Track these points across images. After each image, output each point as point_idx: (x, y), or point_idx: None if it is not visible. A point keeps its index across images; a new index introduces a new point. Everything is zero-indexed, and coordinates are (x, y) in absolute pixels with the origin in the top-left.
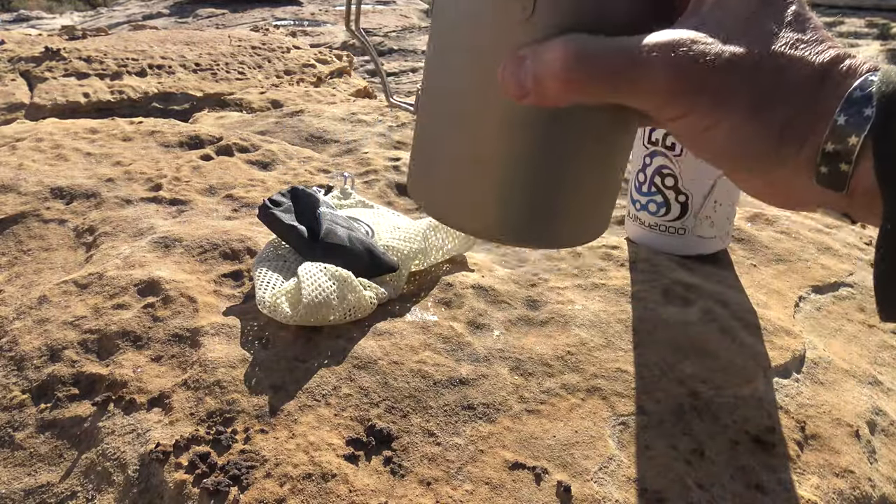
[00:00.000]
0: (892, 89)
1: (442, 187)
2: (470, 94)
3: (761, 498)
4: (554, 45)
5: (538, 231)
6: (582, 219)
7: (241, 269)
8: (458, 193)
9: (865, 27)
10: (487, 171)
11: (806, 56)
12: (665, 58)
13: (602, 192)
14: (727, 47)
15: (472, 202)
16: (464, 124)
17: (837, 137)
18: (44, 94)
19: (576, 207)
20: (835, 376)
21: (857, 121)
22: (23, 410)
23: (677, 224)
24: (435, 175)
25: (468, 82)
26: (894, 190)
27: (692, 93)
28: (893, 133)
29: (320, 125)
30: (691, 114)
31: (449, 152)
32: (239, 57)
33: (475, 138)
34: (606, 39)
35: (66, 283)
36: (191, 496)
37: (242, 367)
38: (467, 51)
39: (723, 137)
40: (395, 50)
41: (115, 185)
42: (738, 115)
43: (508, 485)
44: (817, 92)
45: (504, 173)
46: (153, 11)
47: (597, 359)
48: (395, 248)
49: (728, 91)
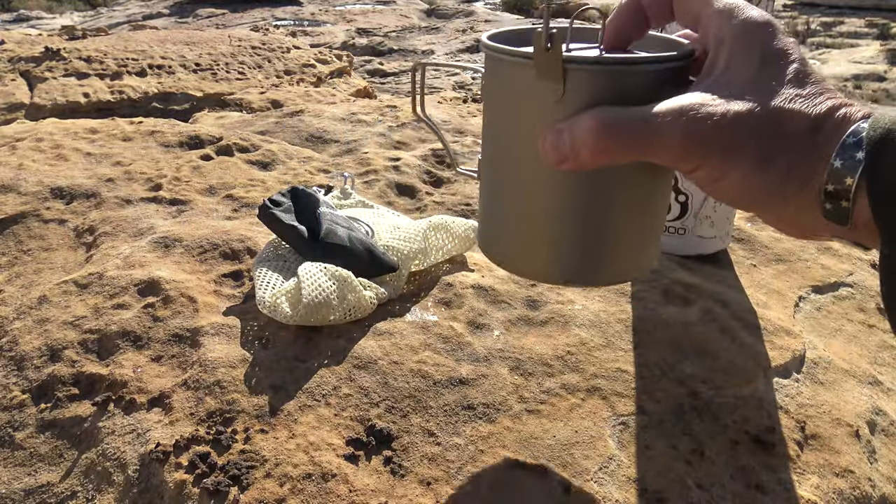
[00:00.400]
0: (879, 134)
1: (502, 239)
2: (517, 162)
3: (761, 498)
4: (585, 118)
5: (588, 273)
6: (627, 258)
7: (241, 269)
8: (515, 244)
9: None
10: (537, 226)
11: (804, 109)
12: (677, 121)
13: (643, 233)
14: (732, 106)
15: (527, 252)
16: (514, 188)
17: (835, 179)
18: (44, 94)
19: (620, 250)
20: (835, 376)
21: (851, 164)
22: (23, 410)
23: (677, 224)
24: (495, 228)
25: (515, 152)
26: (888, 221)
27: (703, 149)
28: (882, 173)
29: (320, 125)
30: (704, 166)
31: (505, 211)
32: (239, 57)
33: (524, 199)
34: (628, 109)
35: (66, 283)
36: (191, 496)
37: (242, 367)
38: (513, 127)
39: (734, 185)
40: (395, 50)
41: (115, 185)
42: (746, 165)
43: (508, 485)
44: (815, 140)
45: (552, 227)
46: (153, 11)
47: (597, 359)
48: (395, 248)
49: (735, 145)
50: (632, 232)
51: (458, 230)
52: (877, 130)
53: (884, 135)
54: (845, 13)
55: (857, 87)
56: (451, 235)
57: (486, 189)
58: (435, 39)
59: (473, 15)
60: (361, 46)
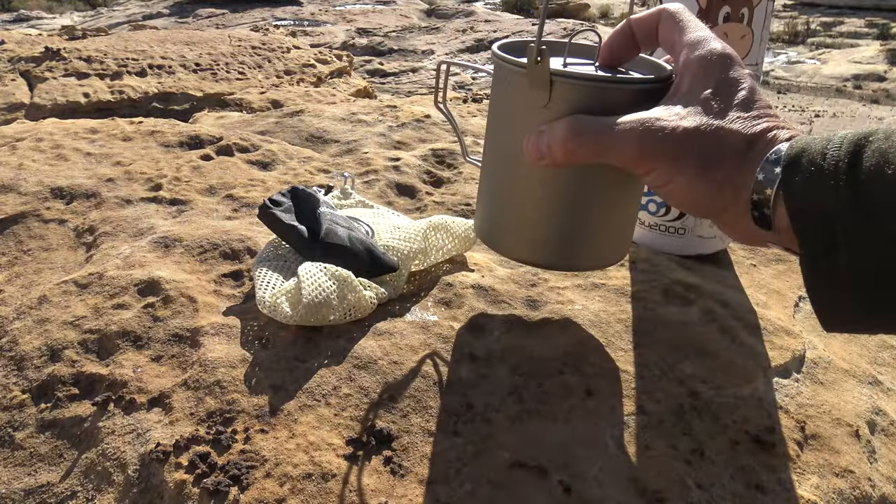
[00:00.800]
0: (795, 152)
1: (493, 223)
2: (510, 155)
3: (761, 498)
4: (560, 123)
5: (566, 259)
6: (601, 248)
7: (241, 269)
8: (505, 229)
9: (865, 27)
10: (525, 214)
11: (742, 129)
12: (634, 131)
13: (616, 227)
14: (682, 123)
15: (515, 237)
16: (506, 178)
17: (758, 190)
18: (44, 94)
19: (595, 240)
20: (835, 376)
21: (771, 177)
22: (23, 410)
23: (677, 224)
24: (489, 213)
25: (508, 147)
26: (799, 225)
27: (653, 156)
28: (794, 186)
29: (320, 125)
30: (654, 171)
31: (498, 199)
32: (239, 57)
33: (514, 190)
34: (597, 119)
35: (66, 283)
36: (191, 496)
37: (242, 367)
38: (508, 123)
39: (680, 189)
40: (395, 50)
41: (115, 185)
42: (689, 171)
43: (508, 485)
44: (748, 155)
45: (537, 217)
46: (153, 11)
47: (597, 359)
48: (395, 248)
49: (681, 155)
50: (606, 226)
51: (458, 230)
52: (793, 149)
53: (798, 153)
54: (845, 13)
55: (858, 87)
56: (451, 235)
57: (483, 177)
58: (435, 39)
59: (473, 15)
60: (361, 46)
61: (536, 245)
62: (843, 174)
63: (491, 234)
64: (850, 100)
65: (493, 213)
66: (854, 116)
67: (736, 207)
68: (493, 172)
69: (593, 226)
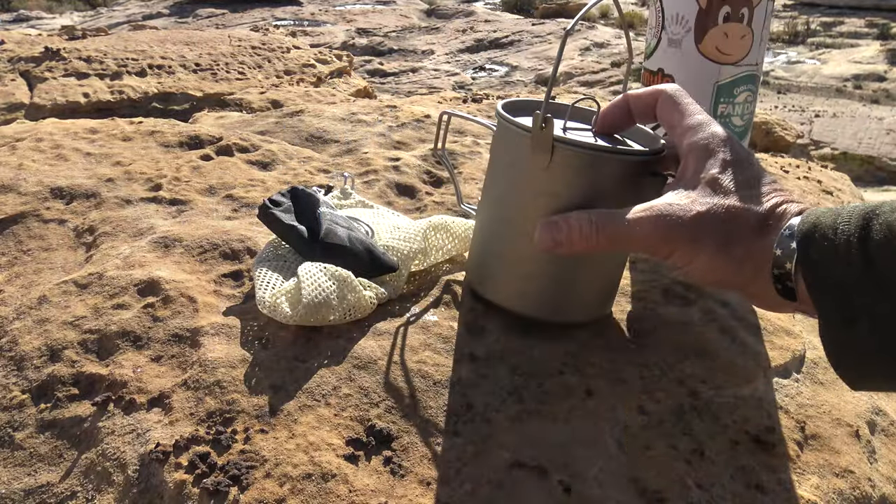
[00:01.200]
0: (807, 228)
1: (485, 272)
2: (506, 215)
3: (761, 498)
4: (576, 216)
5: (554, 310)
6: (588, 300)
7: (241, 269)
8: (496, 278)
9: (865, 27)
10: (516, 265)
11: (753, 206)
12: (649, 220)
13: (604, 281)
14: (694, 206)
15: (506, 285)
16: (501, 233)
17: (778, 265)
18: (44, 94)
19: (583, 292)
20: (835, 376)
21: (788, 252)
22: (23, 410)
23: None
24: (479, 262)
25: (505, 206)
26: (817, 297)
27: (673, 241)
28: (810, 259)
29: (320, 125)
30: (675, 253)
31: (490, 249)
32: (239, 57)
33: (508, 243)
34: (610, 212)
35: (66, 283)
36: (191, 496)
37: (242, 367)
38: (509, 180)
39: (702, 267)
40: (395, 50)
41: (115, 185)
42: (709, 250)
43: (508, 485)
44: (763, 231)
45: (528, 268)
46: (153, 11)
47: (597, 359)
48: (395, 248)
49: (699, 236)
50: (596, 281)
51: (458, 230)
52: (805, 224)
53: (811, 228)
54: (845, 13)
55: (858, 87)
56: (451, 235)
57: (478, 228)
58: (435, 39)
59: (473, 15)
60: (361, 46)
61: (527, 297)
62: (854, 248)
63: (483, 282)
64: (850, 100)
65: (485, 263)
66: (854, 116)
67: (759, 281)
68: (489, 224)
69: (584, 281)
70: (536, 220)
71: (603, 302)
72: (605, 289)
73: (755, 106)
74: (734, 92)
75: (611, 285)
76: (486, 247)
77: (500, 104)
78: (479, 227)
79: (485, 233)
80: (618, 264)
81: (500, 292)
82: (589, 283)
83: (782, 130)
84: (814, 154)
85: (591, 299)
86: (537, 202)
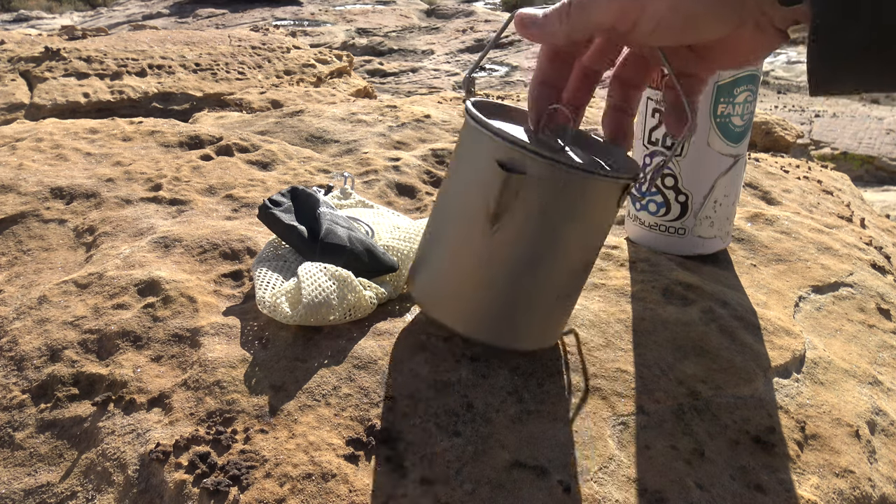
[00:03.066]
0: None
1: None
2: (464, 215)
3: (761, 498)
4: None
5: (496, 336)
6: (533, 331)
7: (241, 269)
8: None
9: None
10: (465, 281)
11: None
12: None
13: (550, 315)
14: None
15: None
16: (452, 241)
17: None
18: (44, 94)
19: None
20: (835, 376)
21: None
22: (23, 410)
23: (677, 224)
24: (428, 273)
25: (465, 207)
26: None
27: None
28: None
29: (320, 125)
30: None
31: (441, 259)
32: (239, 57)
33: (459, 254)
34: None
35: (66, 283)
36: (191, 496)
37: (242, 367)
38: (467, 185)
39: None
40: (395, 50)
41: (115, 185)
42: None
43: (508, 485)
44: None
45: (481, 275)
46: (153, 11)
47: (597, 359)
48: (395, 248)
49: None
50: (541, 311)
51: None
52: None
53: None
54: None
55: None
56: None
57: (428, 236)
58: (435, 39)
59: (473, 15)
60: (361, 46)
61: (472, 315)
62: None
63: (425, 293)
64: (850, 100)
65: (433, 275)
66: (854, 116)
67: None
68: (438, 233)
69: (529, 309)
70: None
71: (546, 331)
72: (559, 315)
73: (755, 106)
74: (734, 92)
75: (565, 310)
76: (435, 265)
77: (471, 102)
78: (428, 243)
79: (434, 249)
80: (575, 289)
81: (445, 313)
82: (532, 309)
83: (782, 130)
84: (814, 154)
85: (534, 327)
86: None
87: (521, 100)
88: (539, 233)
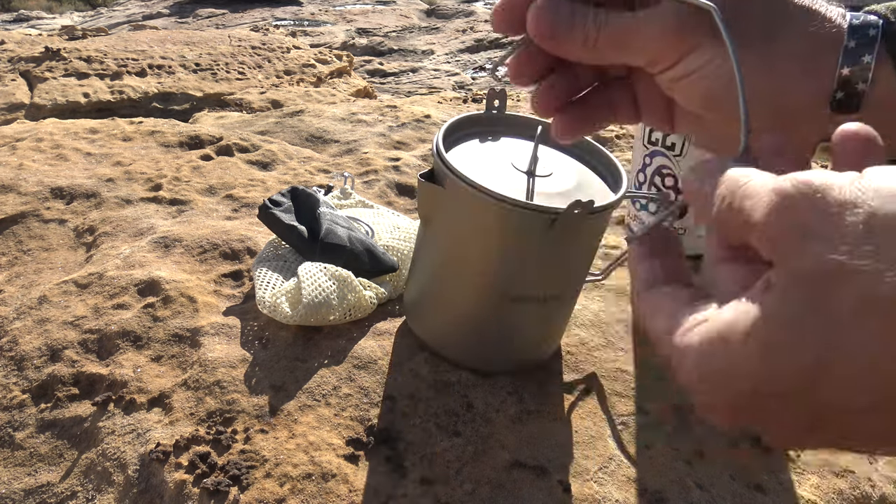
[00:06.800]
0: (884, 10)
1: (426, 314)
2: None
3: (761, 498)
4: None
5: (485, 362)
6: (521, 354)
7: (241, 269)
8: (437, 323)
9: None
10: (461, 317)
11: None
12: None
13: (540, 339)
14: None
15: (447, 334)
16: (440, 274)
17: (850, 60)
18: (44, 94)
19: (519, 348)
20: None
21: (866, 41)
22: (23, 410)
23: (677, 224)
24: (425, 305)
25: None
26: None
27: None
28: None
29: (320, 125)
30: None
31: (438, 293)
32: (239, 57)
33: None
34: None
35: (66, 283)
36: (191, 496)
37: (242, 367)
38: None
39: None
40: (395, 50)
41: (115, 185)
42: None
43: (508, 485)
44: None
45: (472, 321)
46: (153, 11)
47: (597, 359)
48: (395, 248)
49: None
50: (532, 338)
51: None
52: (880, 8)
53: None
54: None
55: None
56: None
57: (420, 261)
58: (435, 39)
59: (473, 15)
60: (361, 46)
61: (466, 348)
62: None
63: (422, 324)
64: None
65: (429, 306)
66: None
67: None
68: (429, 263)
69: (521, 338)
70: (478, 269)
71: (545, 350)
72: (533, 340)
73: None
74: None
75: (537, 341)
76: (433, 297)
77: (444, 128)
78: (420, 263)
79: (434, 283)
80: (560, 320)
81: (441, 344)
82: (511, 339)
83: None
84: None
85: (529, 350)
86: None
87: (524, 99)
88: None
